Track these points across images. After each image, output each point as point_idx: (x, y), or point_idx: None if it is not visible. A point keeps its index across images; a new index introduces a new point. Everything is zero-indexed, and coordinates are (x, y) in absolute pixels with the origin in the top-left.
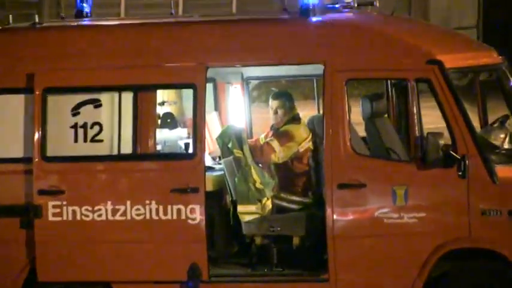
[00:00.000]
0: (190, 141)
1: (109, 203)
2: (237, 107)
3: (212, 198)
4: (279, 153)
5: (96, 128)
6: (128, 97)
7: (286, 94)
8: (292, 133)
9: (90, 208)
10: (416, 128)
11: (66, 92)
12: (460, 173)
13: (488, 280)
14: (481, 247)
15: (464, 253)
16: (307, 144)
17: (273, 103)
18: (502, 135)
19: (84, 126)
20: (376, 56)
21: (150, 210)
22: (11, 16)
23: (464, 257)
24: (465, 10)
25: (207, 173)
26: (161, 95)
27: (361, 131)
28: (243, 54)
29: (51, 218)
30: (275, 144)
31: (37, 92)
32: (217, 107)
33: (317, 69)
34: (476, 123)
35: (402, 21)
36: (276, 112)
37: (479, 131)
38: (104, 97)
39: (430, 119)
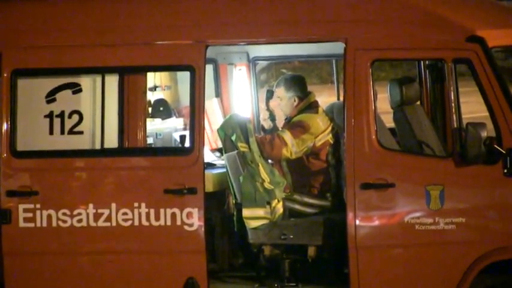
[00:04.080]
0: (186, 133)
1: (91, 206)
2: (242, 93)
3: (212, 201)
4: (292, 147)
5: (75, 118)
6: (112, 81)
7: (286, 81)
8: (307, 123)
9: (68, 212)
10: (455, 118)
11: (39, 74)
12: (506, 171)
13: None
14: None
15: (510, 265)
16: (326, 137)
17: (276, 92)
18: None
19: (61, 115)
20: (407, 32)
21: (140, 214)
22: None
23: (510, 270)
24: None
25: (206, 171)
26: (152, 78)
27: (389, 122)
28: (248, 30)
29: (22, 223)
30: (287, 136)
31: (5, 74)
32: (218, 93)
33: (337, 47)
34: None
35: None
36: (279, 103)
37: None
38: (84, 81)
39: (471, 106)
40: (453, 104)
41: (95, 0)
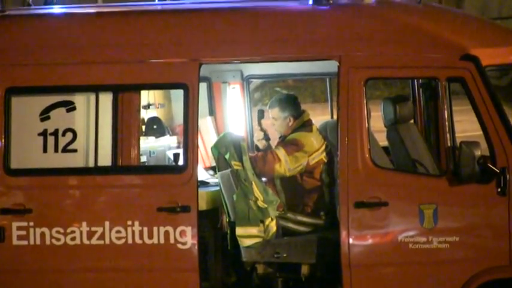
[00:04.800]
0: (180, 151)
1: (84, 224)
2: (236, 111)
3: (206, 219)
4: (285, 163)
5: (69, 136)
6: (106, 99)
7: (280, 101)
8: (301, 142)
9: (61, 230)
10: (448, 137)
11: (33, 92)
12: (499, 190)
13: None
14: None
15: (504, 284)
16: (320, 155)
17: (270, 113)
18: None
19: (55, 133)
20: (401, 51)
21: (133, 232)
22: None
23: None
24: None
25: (200, 189)
26: (146, 96)
27: (383, 140)
28: (242, 49)
29: (15, 241)
30: (281, 153)
31: None
32: (212, 111)
33: (331, 66)
34: None
35: (431, 10)
36: (273, 124)
37: None
38: (78, 99)
39: (464, 125)
40: (447, 123)
41: (89, 18)
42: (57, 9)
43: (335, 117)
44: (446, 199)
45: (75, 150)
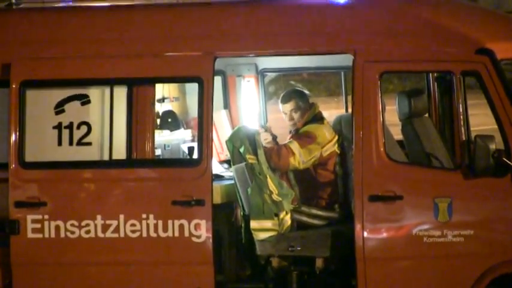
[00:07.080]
0: (195, 144)
1: (99, 217)
2: (251, 105)
3: (220, 212)
4: (299, 156)
5: (84, 129)
6: (121, 92)
7: (296, 92)
8: (314, 134)
9: (76, 223)
10: (463, 130)
11: (48, 85)
12: None
13: None
14: None
15: None
16: (332, 147)
17: (285, 107)
18: None
19: (70, 126)
20: (416, 44)
21: (148, 225)
22: None
23: None
24: None
25: (214, 183)
26: (161, 90)
27: (397, 134)
28: (257, 42)
29: (30, 234)
30: (294, 146)
31: (13, 86)
32: (227, 105)
33: (345, 60)
34: None
35: (446, 4)
36: (291, 118)
37: None
38: (93, 92)
39: (479, 119)
40: (461, 117)
41: (104, 11)
42: (71, 3)
43: (349, 110)
44: (461, 193)
45: (89, 144)
